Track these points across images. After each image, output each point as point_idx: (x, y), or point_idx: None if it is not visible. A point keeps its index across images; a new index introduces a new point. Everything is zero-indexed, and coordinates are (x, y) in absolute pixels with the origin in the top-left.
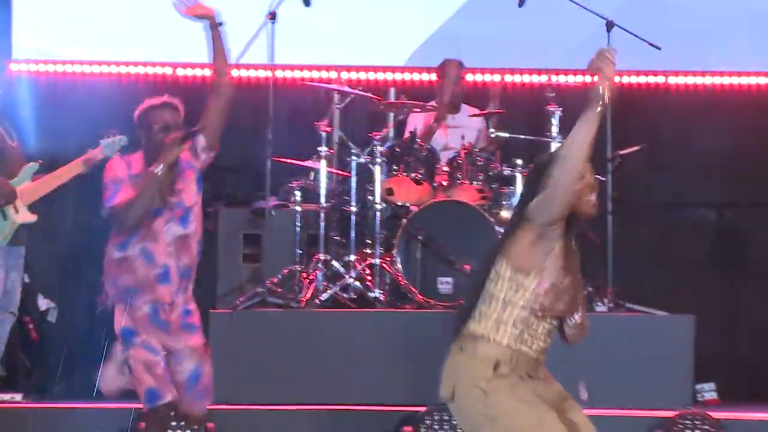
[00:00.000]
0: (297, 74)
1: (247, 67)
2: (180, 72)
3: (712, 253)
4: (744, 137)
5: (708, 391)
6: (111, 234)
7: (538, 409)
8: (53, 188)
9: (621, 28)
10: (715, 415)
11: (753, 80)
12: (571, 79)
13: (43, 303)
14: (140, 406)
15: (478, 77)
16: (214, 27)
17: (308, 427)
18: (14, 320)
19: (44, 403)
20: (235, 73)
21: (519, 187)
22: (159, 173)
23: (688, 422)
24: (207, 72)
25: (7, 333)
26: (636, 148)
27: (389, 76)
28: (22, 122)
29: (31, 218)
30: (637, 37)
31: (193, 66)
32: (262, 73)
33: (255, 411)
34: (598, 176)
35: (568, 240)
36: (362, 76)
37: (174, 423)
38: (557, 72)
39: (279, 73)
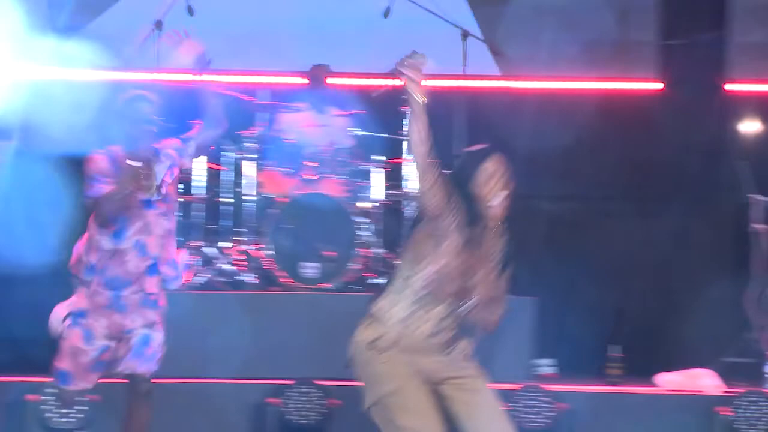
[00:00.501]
0: (179, 77)
1: (134, 71)
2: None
3: (547, 241)
4: (577, 136)
5: (547, 366)
6: (95, 223)
7: (401, 379)
8: None
9: (474, 36)
10: (553, 387)
11: (585, 84)
12: (429, 83)
13: None
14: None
15: (344, 81)
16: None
17: (183, 398)
18: None
19: None
20: (121, 76)
21: (377, 181)
22: (137, 166)
23: (530, 394)
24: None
25: None
26: (481, 146)
27: (260, 78)
28: None
29: None
30: (488, 45)
31: None
32: (148, 76)
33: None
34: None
35: (474, 232)
36: (235, 78)
37: None
38: None
39: (165, 76)
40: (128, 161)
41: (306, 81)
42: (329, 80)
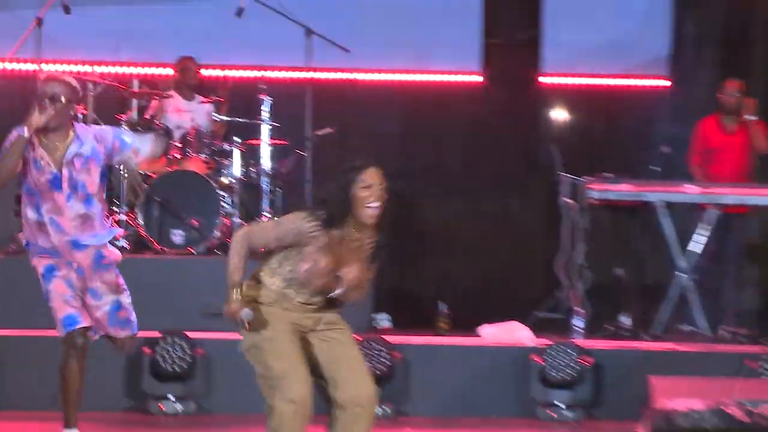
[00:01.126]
0: (60, 67)
1: (18, 60)
2: None
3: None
4: (411, 123)
5: (384, 320)
6: (23, 195)
7: (276, 328)
8: None
9: (317, 34)
10: (389, 338)
11: (416, 77)
12: (279, 74)
13: None
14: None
15: (206, 71)
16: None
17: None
18: None
19: None
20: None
21: (236, 160)
22: (25, 135)
23: (371, 344)
24: None
25: None
26: (328, 130)
27: (134, 69)
28: None
29: None
30: (330, 41)
31: None
32: (29, 66)
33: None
34: (300, 151)
35: (344, 232)
36: (112, 70)
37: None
38: (268, 68)
39: (45, 66)
40: (19, 131)
41: (173, 72)
42: (194, 71)
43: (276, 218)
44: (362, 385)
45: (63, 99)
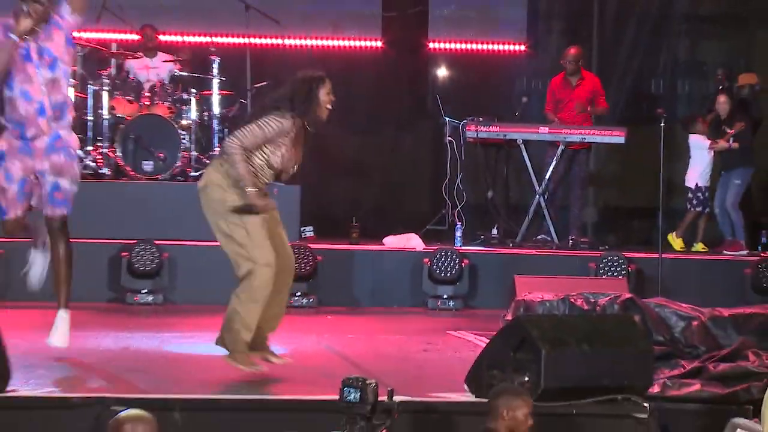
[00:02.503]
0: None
1: None
2: None
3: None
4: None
5: (309, 231)
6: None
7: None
8: None
9: (254, 8)
10: (313, 245)
11: (330, 43)
12: (225, 40)
13: None
14: None
15: (171, 37)
16: None
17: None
18: None
19: None
20: None
21: (193, 106)
22: (15, 39)
23: (299, 250)
24: None
25: None
26: (263, 83)
27: (111, 35)
28: None
29: None
30: (264, 14)
31: None
32: None
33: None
34: (242, 100)
35: (303, 126)
36: (93, 35)
37: None
38: (216, 35)
39: None
40: (9, 36)
41: (139, 36)
42: (152, 36)
43: (257, 122)
44: (292, 259)
45: (42, 2)
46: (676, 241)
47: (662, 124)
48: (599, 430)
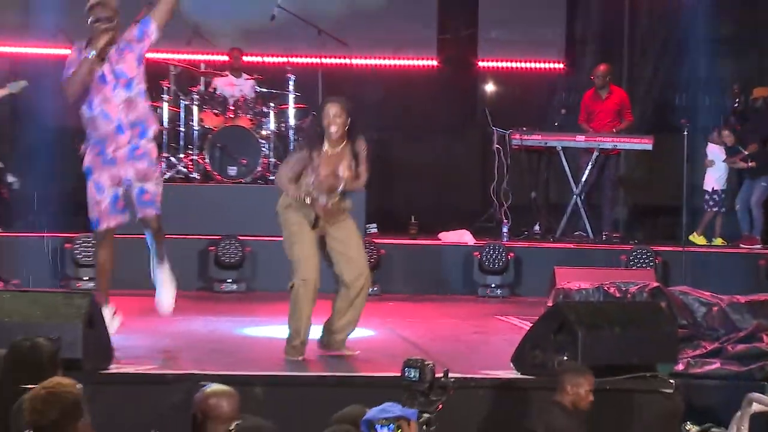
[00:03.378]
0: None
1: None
2: None
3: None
4: (388, 94)
5: (373, 228)
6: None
7: (298, 226)
8: None
9: (326, 33)
10: (376, 240)
11: (391, 62)
12: (300, 60)
13: (11, 177)
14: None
15: (250, 58)
16: None
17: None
18: None
19: (9, 233)
20: None
21: (272, 118)
22: (91, 56)
23: (366, 244)
24: None
25: None
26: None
27: (201, 57)
28: None
29: None
30: (334, 38)
31: None
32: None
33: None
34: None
35: (327, 149)
36: (183, 56)
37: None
38: (292, 56)
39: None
40: (84, 54)
41: (228, 58)
42: (239, 57)
43: (287, 156)
44: (362, 269)
45: (112, 19)
46: (698, 239)
47: (685, 133)
48: (630, 404)
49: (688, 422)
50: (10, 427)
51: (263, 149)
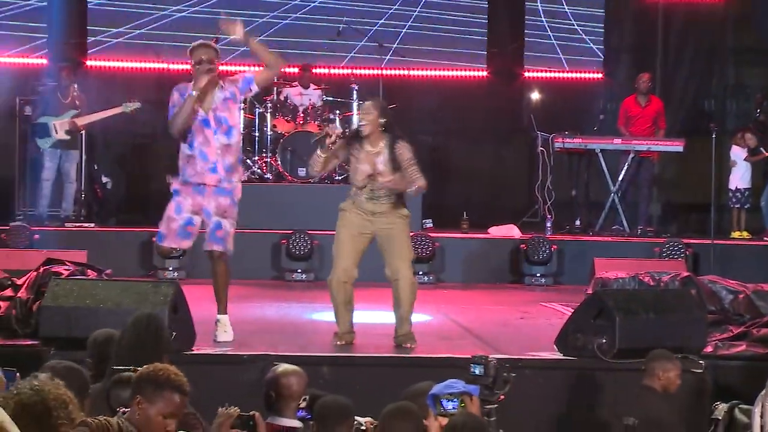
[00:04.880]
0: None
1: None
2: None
3: (431, 158)
4: (443, 102)
5: (429, 223)
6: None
7: (343, 228)
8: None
9: (385, 46)
10: (432, 234)
11: (454, 73)
12: (362, 71)
13: (105, 179)
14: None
15: (319, 70)
16: (246, 41)
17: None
18: (74, 186)
19: (103, 227)
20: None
21: (337, 124)
22: (194, 95)
23: (420, 238)
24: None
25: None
26: (393, 105)
27: None
28: None
29: (64, 137)
30: (394, 51)
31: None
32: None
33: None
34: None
35: (365, 145)
36: (256, 69)
37: None
38: (356, 68)
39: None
40: (189, 93)
41: (298, 70)
42: (309, 70)
43: None
44: (397, 272)
45: (213, 61)
46: (736, 233)
47: (714, 136)
48: None
49: (718, 402)
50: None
51: None
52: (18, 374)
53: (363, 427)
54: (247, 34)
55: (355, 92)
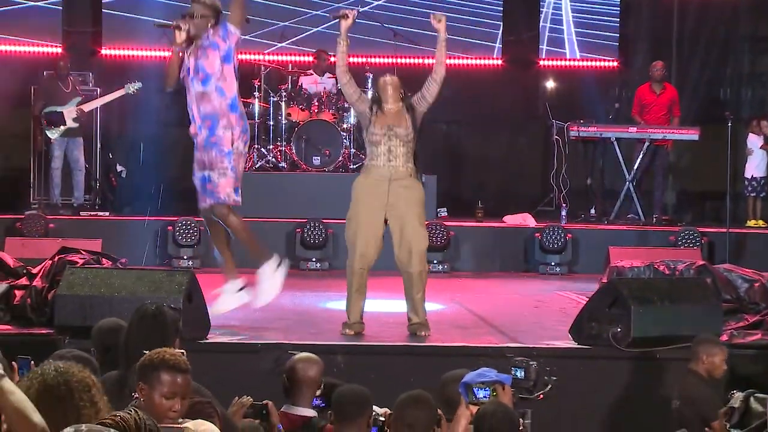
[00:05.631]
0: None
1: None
2: None
3: (444, 144)
4: (459, 92)
5: (443, 211)
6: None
7: (359, 208)
8: (98, 106)
9: (400, 34)
10: (446, 223)
11: (469, 61)
12: (377, 60)
13: (119, 167)
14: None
15: (333, 58)
16: None
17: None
18: (84, 173)
19: (118, 216)
20: None
21: (352, 113)
22: (176, 49)
23: (435, 226)
24: None
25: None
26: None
27: (288, 58)
28: None
29: (73, 125)
30: (407, 39)
31: None
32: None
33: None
34: None
35: (385, 110)
36: (272, 58)
37: None
38: (370, 56)
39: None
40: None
41: (313, 58)
42: (324, 57)
43: None
44: (412, 256)
45: (197, 15)
46: (751, 222)
47: (729, 124)
48: (678, 371)
49: (734, 391)
50: (128, 382)
51: (344, 141)
52: (33, 362)
53: (381, 418)
54: None
55: (369, 80)
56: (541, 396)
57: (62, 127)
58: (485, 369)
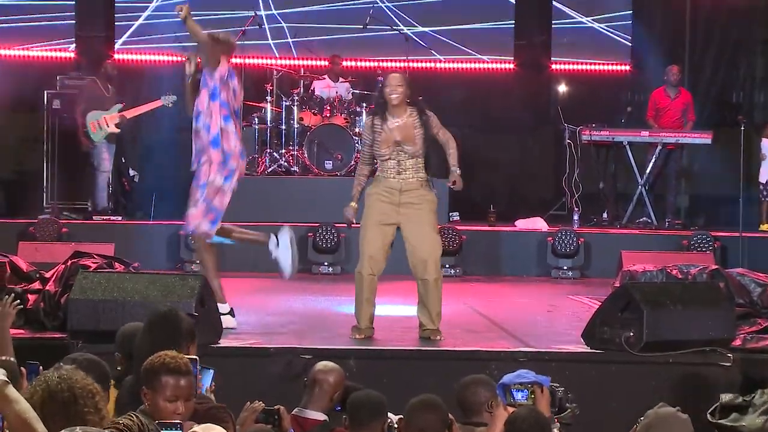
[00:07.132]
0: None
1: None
2: None
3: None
4: (469, 94)
5: (455, 216)
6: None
7: (369, 218)
8: (138, 115)
9: (412, 38)
10: (459, 227)
11: (481, 65)
12: (388, 63)
13: (132, 172)
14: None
15: (347, 63)
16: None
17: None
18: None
19: (131, 221)
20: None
21: (364, 117)
22: (188, 79)
23: (447, 231)
24: None
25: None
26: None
27: (300, 62)
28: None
29: (115, 130)
30: (420, 43)
31: None
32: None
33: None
34: None
35: (391, 118)
36: (285, 62)
37: None
38: (382, 60)
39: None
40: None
41: (327, 63)
42: (338, 63)
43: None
44: (428, 264)
45: (195, 53)
46: (765, 226)
47: (742, 128)
48: (691, 376)
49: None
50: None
51: (356, 145)
52: (41, 367)
53: (396, 426)
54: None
55: (381, 84)
56: (557, 421)
57: (105, 130)
58: (523, 370)
